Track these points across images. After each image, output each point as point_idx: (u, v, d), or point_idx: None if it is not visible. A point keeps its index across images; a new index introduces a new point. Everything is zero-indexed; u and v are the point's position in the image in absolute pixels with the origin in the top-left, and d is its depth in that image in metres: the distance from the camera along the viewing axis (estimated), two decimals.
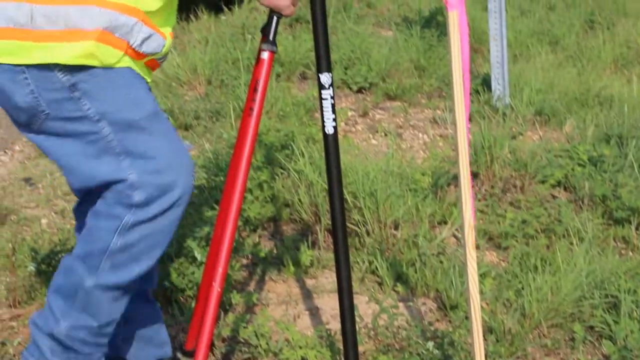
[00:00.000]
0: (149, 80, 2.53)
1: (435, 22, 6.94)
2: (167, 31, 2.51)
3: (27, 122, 2.44)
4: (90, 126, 2.40)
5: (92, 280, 2.50)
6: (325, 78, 2.64)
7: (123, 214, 2.45)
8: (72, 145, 2.43)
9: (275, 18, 2.58)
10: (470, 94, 2.89)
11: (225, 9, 7.58)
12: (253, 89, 2.60)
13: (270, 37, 2.59)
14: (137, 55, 2.43)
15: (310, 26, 6.67)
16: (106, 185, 2.45)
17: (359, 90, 5.91)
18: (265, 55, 2.59)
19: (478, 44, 6.59)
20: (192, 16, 7.43)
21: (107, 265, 2.49)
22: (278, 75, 5.94)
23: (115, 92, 2.40)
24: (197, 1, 7.51)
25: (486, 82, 5.71)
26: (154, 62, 2.53)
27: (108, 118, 2.40)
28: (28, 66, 2.34)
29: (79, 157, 2.44)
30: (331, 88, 2.66)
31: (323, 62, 2.64)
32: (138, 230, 2.46)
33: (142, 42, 2.42)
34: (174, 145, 2.49)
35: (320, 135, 4.80)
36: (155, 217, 2.46)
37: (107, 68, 2.38)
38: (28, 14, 2.30)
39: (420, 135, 5.31)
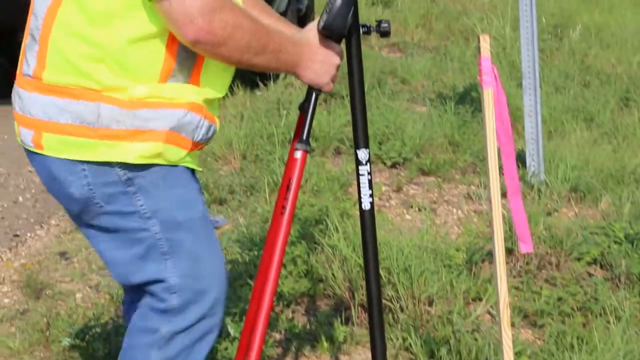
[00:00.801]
0: (198, 168, 2.53)
1: (469, 98, 6.97)
2: (216, 114, 2.52)
3: (79, 212, 2.43)
4: (140, 223, 2.39)
5: None
6: (362, 154, 2.64)
7: (158, 325, 2.42)
8: (119, 240, 2.42)
9: (314, 94, 2.59)
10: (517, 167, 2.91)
11: (261, 84, 7.66)
12: (286, 187, 2.56)
13: (304, 136, 2.57)
14: (194, 146, 2.44)
15: (345, 101, 6.73)
16: (145, 284, 2.44)
17: (393, 166, 5.93)
18: (298, 154, 2.57)
19: (513, 120, 6.56)
20: (227, 92, 7.49)
21: None
22: (312, 150, 5.98)
23: (170, 190, 2.40)
24: (234, 77, 7.58)
25: (521, 159, 5.71)
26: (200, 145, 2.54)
27: (159, 216, 2.39)
28: (89, 161, 2.34)
29: (123, 253, 2.42)
30: (368, 164, 2.65)
31: (361, 138, 2.64)
32: (177, 342, 2.43)
33: (202, 135, 2.44)
34: (215, 252, 2.49)
35: (354, 210, 4.81)
36: (192, 325, 2.43)
37: (166, 166, 2.38)
38: (95, 112, 2.30)
39: (455, 210, 5.30)
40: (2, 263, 4.82)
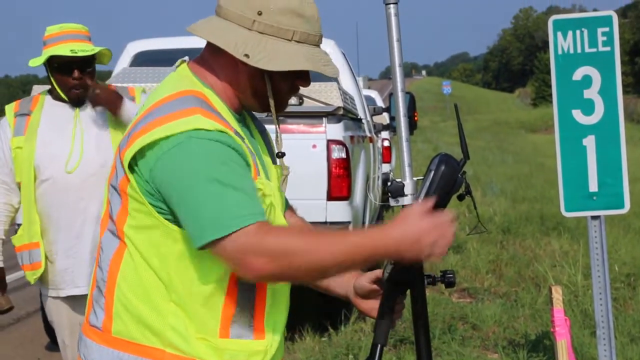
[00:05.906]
0: None
1: (542, 347, 6.85)
2: (280, 356, 2.52)
3: None
4: None
5: None
6: None
7: None
8: None
9: (379, 348, 2.55)
10: None
11: (331, 329, 7.63)
12: None
13: None
14: None
15: (414, 347, 6.66)
16: None
17: None
18: None
19: None
20: (297, 336, 7.49)
21: None
22: None
23: None
24: (303, 322, 7.60)
25: None
26: None
27: None
28: None
29: None
30: None
31: None
32: None
33: None
34: None
35: None
36: None
37: None
38: None
39: None
40: None
